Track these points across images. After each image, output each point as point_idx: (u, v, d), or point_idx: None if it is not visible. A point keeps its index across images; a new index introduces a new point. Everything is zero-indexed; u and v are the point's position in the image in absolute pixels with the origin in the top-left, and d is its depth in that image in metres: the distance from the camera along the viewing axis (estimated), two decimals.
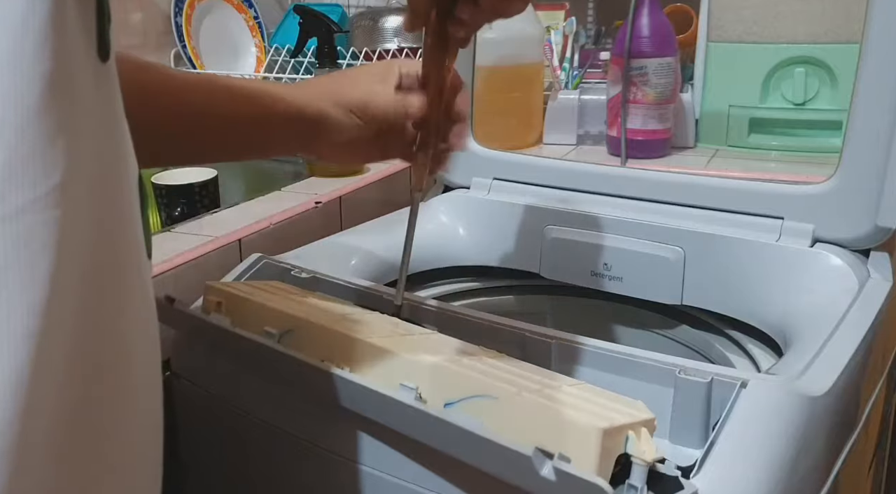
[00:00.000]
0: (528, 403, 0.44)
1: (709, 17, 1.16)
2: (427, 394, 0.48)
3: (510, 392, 0.45)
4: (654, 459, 0.43)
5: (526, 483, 0.42)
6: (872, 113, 0.67)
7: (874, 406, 0.66)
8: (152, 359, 0.36)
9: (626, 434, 0.43)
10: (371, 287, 0.68)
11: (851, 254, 0.70)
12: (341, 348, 0.53)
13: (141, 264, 0.35)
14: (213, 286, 0.62)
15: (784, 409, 0.49)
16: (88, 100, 0.30)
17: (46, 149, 0.27)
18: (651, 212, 0.80)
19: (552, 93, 1.26)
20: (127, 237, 0.33)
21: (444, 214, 0.89)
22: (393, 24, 1.46)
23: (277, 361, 0.54)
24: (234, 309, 0.60)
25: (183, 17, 1.44)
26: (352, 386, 0.50)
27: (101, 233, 0.31)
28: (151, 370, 0.36)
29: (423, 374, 0.49)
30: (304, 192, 0.99)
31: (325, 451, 0.55)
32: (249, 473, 0.62)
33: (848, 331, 0.60)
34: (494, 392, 0.46)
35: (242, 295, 0.61)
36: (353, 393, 0.50)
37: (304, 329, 0.56)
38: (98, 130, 0.31)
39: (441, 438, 0.46)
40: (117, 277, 0.32)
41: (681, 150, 1.18)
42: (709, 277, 0.76)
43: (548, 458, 0.40)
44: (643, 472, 0.42)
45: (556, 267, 0.85)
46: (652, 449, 0.43)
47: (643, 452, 0.43)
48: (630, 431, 0.43)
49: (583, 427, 0.42)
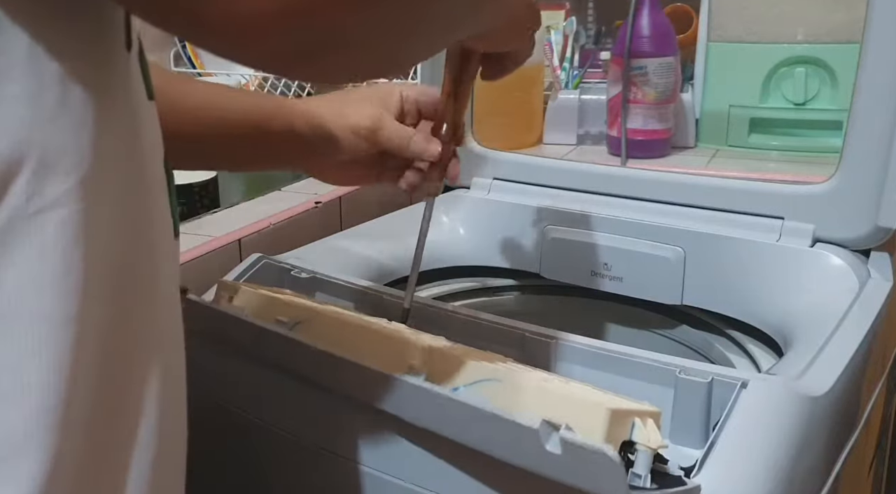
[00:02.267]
0: (533, 385, 0.45)
1: (709, 17, 1.16)
2: (435, 380, 0.48)
3: (516, 374, 0.45)
4: (660, 446, 0.43)
5: (532, 462, 0.42)
6: (872, 113, 0.67)
7: (874, 406, 0.66)
8: (179, 340, 0.37)
9: (633, 421, 0.43)
10: (371, 287, 0.68)
11: (852, 254, 0.70)
12: (350, 337, 0.54)
13: (169, 245, 0.36)
14: (226, 282, 0.63)
15: (784, 409, 0.49)
16: (115, 88, 0.31)
17: (76, 142, 0.28)
18: (651, 212, 0.80)
19: (552, 93, 1.26)
20: (155, 220, 0.35)
21: (444, 214, 0.89)
22: None
23: (287, 348, 0.54)
24: (247, 303, 0.61)
25: None
26: (360, 371, 0.50)
27: (131, 218, 0.32)
28: (179, 353, 0.38)
29: (430, 360, 0.49)
30: (304, 192, 0.99)
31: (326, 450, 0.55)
32: (250, 474, 0.62)
33: (848, 331, 0.60)
34: (500, 375, 0.46)
35: (254, 290, 0.61)
36: (361, 377, 0.50)
37: (315, 319, 0.56)
38: (124, 117, 0.31)
39: (447, 419, 0.46)
40: (148, 261, 0.34)
41: (681, 150, 1.18)
42: (709, 277, 0.76)
43: (554, 430, 0.40)
44: (648, 459, 0.42)
45: (556, 267, 0.85)
46: (658, 438, 0.43)
47: (648, 439, 0.43)
48: (636, 418, 0.43)
49: (590, 405, 0.42)
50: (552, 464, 0.40)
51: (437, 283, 0.87)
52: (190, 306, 0.61)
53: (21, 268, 0.27)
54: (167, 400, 0.35)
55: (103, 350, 0.30)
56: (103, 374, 0.31)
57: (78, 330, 0.29)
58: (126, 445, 0.33)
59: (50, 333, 0.28)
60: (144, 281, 0.33)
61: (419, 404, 0.47)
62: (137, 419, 0.33)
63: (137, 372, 0.33)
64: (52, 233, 0.28)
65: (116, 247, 0.31)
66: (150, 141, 0.34)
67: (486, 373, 0.47)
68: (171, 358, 0.36)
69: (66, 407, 0.28)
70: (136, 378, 0.33)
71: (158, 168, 0.35)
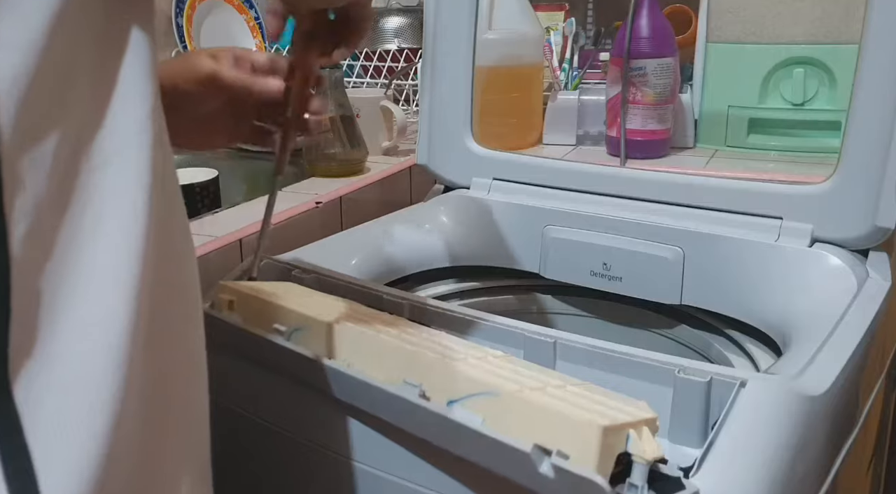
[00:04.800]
0: (530, 400, 0.45)
1: (708, 18, 1.16)
2: (431, 392, 0.48)
3: (512, 389, 0.45)
4: (656, 458, 0.43)
5: (526, 480, 0.42)
6: (871, 113, 0.67)
7: (873, 405, 0.67)
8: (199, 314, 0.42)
9: (628, 433, 0.43)
10: (371, 287, 0.68)
11: (850, 254, 0.70)
12: (348, 345, 0.54)
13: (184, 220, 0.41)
14: (226, 285, 0.63)
15: (783, 409, 0.49)
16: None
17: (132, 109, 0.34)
18: (650, 212, 0.80)
19: (552, 94, 1.26)
20: (177, 190, 0.39)
21: (444, 214, 0.89)
22: (393, 25, 1.46)
23: (283, 357, 0.54)
24: (246, 308, 0.61)
25: (184, 18, 1.44)
26: (355, 383, 0.50)
27: (160, 180, 0.36)
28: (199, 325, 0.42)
29: (427, 371, 0.49)
30: (304, 192, 0.99)
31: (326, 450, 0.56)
32: (251, 475, 0.62)
33: (847, 331, 0.60)
34: (497, 389, 0.46)
35: (254, 294, 0.61)
36: (357, 389, 0.50)
37: (313, 327, 0.56)
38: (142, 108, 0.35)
39: (443, 435, 0.46)
40: (176, 212, 0.39)
41: (680, 151, 1.18)
42: (708, 277, 0.76)
43: (546, 455, 0.40)
44: (644, 471, 0.43)
45: (555, 267, 0.85)
46: (654, 448, 0.43)
47: (644, 451, 0.43)
48: (631, 429, 0.43)
49: (583, 423, 0.42)
50: (545, 485, 0.41)
51: (437, 283, 0.87)
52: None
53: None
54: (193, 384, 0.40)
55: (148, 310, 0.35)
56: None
57: (137, 286, 0.33)
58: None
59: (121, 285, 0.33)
60: (177, 245, 0.39)
61: (413, 418, 0.48)
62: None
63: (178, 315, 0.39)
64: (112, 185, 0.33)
65: (156, 199, 0.35)
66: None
67: (481, 387, 0.47)
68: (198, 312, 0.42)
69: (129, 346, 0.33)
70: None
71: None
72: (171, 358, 0.38)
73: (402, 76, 1.39)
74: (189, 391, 0.41)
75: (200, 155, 1.19)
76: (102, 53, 0.33)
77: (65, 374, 0.30)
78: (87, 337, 0.31)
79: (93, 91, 0.33)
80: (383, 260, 0.80)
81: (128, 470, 0.33)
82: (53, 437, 0.30)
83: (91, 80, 0.32)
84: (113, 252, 0.32)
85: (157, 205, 0.34)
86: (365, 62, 1.42)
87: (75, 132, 0.32)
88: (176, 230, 0.39)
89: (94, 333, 0.32)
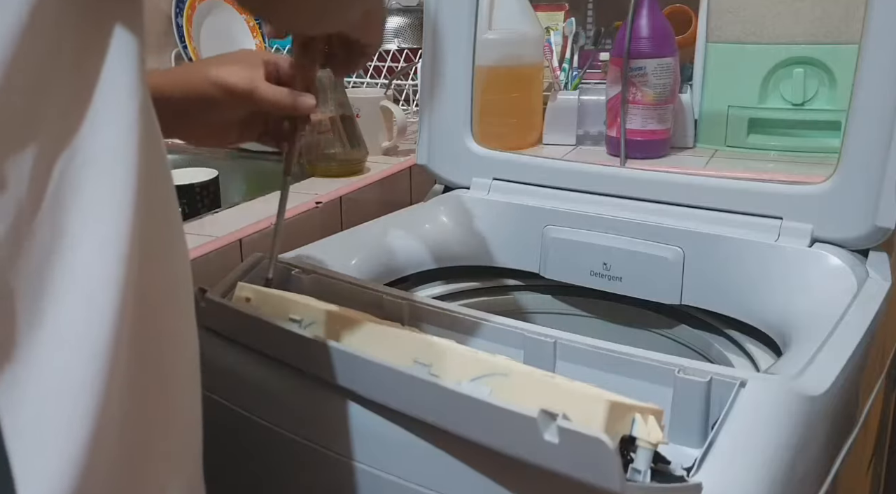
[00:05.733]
0: (537, 379, 0.45)
1: (708, 18, 1.16)
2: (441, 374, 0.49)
3: (521, 370, 0.46)
4: (660, 441, 0.43)
5: (531, 452, 0.42)
6: (871, 113, 0.67)
7: (873, 404, 0.67)
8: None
9: (633, 416, 0.43)
10: (372, 287, 0.68)
11: (850, 254, 0.70)
12: (360, 336, 0.54)
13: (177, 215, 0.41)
14: (244, 285, 0.64)
15: (783, 408, 0.49)
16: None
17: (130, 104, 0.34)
18: (650, 212, 0.80)
19: (552, 94, 1.26)
20: (169, 190, 0.39)
21: (444, 214, 0.89)
22: (393, 25, 1.46)
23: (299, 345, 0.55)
24: (263, 304, 0.61)
25: (184, 18, 1.44)
26: (365, 364, 0.50)
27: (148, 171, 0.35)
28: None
29: (436, 356, 0.50)
30: (304, 192, 0.99)
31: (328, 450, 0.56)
32: (251, 475, 0.62)
33: (847, 331, 0.60)
34: (507, 370, 0.46)
35: (271, 292, 0.62)
36: (367, 371, 0.51)
37: (328, 321, 0.57)
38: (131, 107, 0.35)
39: (449, 412, 0.46)
40: (167, 213, 0.38)
41: (680, 151, 1.18)
42: (708, 277, 0.76)
43: (552, 419, 0.40)
44: (648, 455, 0.43)
45: (555, 267, 0.85)
46: (658, 434, 0.43)
47: (649, 434, 0.43)
48: (637, 414, 0.43)
49: (591, 397, 0.42)
50: (550, 454, 0.41)
51: (437, 283, 0.87)
52: (210, 306, 0.61)
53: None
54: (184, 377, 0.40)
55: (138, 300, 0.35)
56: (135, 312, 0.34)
57: (127, 274, 0.33)
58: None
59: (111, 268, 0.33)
60: (166, 235, 0.38)
61: (422, 396, 0.48)
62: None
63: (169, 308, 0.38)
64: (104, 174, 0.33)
65: (147, 190, 0.35)
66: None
67: (490, 369, 0.47)
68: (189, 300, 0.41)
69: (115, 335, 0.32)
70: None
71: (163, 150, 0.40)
72: (160, 363, 0.37)
73: (402, 76, 1.39)
74: (181, 396, 0.40)
75: (200, 155, 1.19)
76: (86, 53, 0.32)
77: (46, 379, 0.30)
78: (68, 342, 0.31)
79: (76, 90, 0.32)
80: (383, 260, 0.80)
81: (110, 477, 0.33)
82: (33, 443, 0.29)
83: (74, 79, 0.32)
84: (98, 254, 0.32)
85: (145, 206, 0.34)
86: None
87: (57, 131, 0.31)
88: (167, 231, 0.38)
89: (77, 337, 0.31)
